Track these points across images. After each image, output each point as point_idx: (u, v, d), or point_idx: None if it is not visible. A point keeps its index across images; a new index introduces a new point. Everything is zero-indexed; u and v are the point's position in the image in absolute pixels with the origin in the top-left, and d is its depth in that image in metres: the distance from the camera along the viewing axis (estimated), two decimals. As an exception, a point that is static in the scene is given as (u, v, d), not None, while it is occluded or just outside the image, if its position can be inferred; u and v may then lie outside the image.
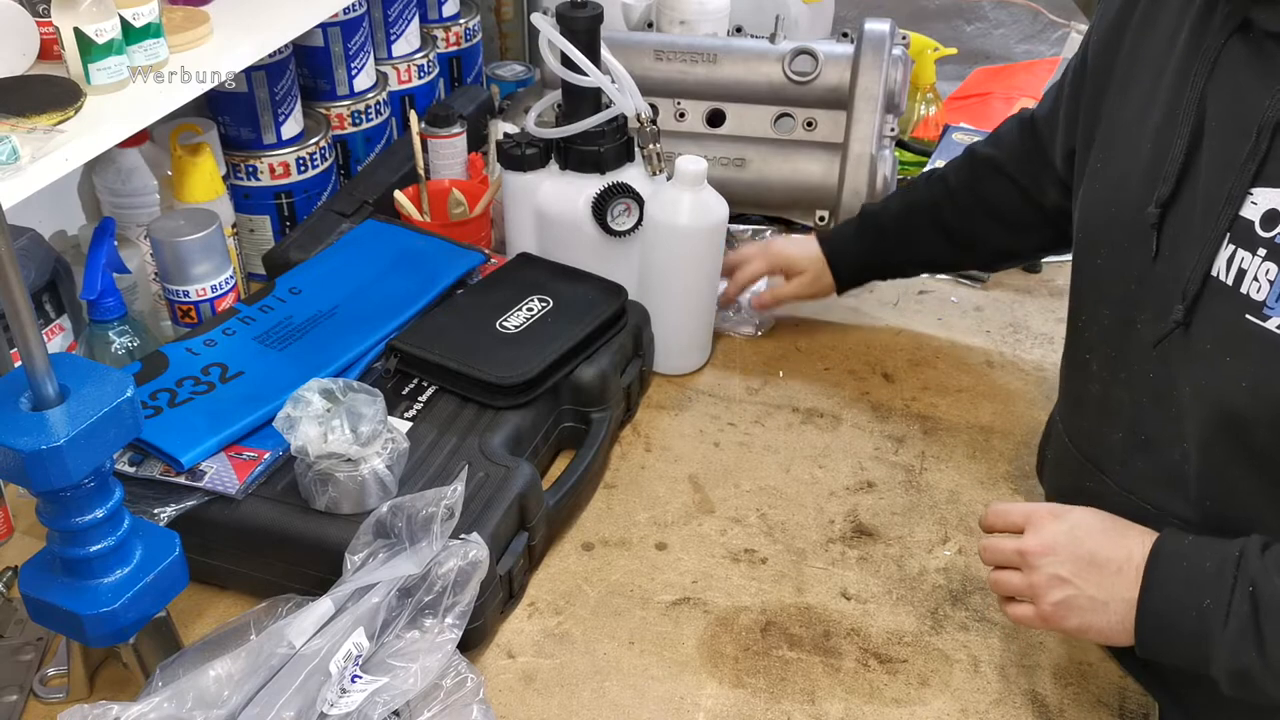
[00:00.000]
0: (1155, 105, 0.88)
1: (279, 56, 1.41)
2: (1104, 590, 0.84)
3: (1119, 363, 0.92)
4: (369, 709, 0.84)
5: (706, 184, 1.25)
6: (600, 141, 1.28)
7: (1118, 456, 0.94)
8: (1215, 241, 0.81)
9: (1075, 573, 0.85)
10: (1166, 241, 0.86)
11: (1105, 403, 0.94)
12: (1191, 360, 0.84)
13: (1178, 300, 0.84)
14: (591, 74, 1.22)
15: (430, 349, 1.16)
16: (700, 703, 0.95)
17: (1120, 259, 0.91)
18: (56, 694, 0.95)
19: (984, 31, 2.42)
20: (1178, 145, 0.84)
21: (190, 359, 1.13)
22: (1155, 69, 0.89)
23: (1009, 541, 0.90)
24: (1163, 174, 0.85)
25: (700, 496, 1.17)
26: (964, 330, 1.42)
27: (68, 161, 0.94)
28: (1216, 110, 0.82)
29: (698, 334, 1.34)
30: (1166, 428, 0.88)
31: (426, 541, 0.92)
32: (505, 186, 1.34)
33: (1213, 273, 0.82)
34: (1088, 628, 0.85)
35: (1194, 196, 0.84)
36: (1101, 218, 0.93)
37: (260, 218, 1.47)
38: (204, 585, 1.03)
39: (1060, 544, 0.86)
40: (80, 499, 0.81)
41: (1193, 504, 0.87)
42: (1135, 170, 0.89)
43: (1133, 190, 0.89)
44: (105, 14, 0.99)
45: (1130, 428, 0.92)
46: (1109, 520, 0.87)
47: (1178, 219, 0.85)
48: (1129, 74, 0.93)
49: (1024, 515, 0.90)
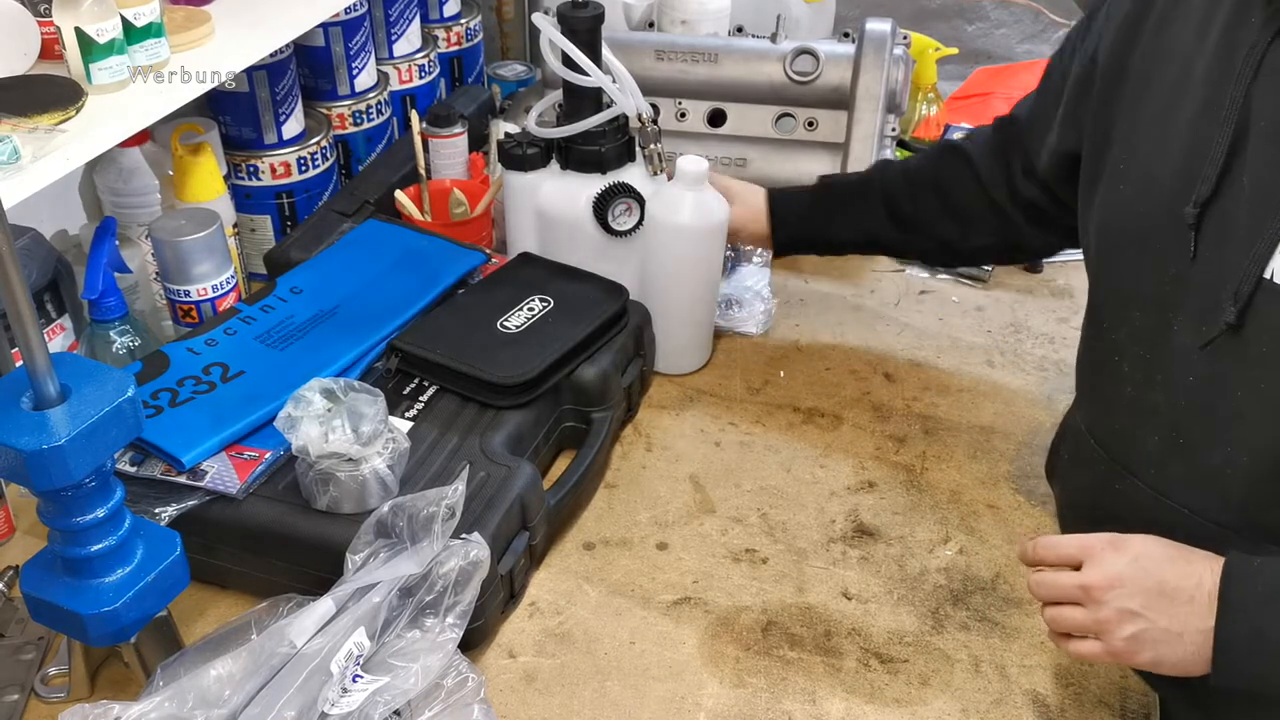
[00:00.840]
0: (1185, 103, 0.87)
1: (280, 56, 1.41)
2: (1177, 621, 0.81)
3: (1154, 364, 0.90)
4: (370, 709, 0.84)
5: (708, 184, 1.25)
6: (601, 141, 1.28)
7: (1151, 460, 0.91)
8: (1270, 243, 0.79)
9: (1146, 605, 0.81)
10: (1206, 242, 0.84)
11: (1139, 405, 0.92)
12: (1246, 364, 0.82)
13: (1228, 301, 0.82)
14: (593, 74, 1.22)
15: (431, 349, 1.16)
16: (701, 703, 0.95)
17: (1151, 260, 0.89)
18: (57, 693, 0.95)
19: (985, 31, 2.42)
20: (1218, 145, 0.82)
21: (191, 358, 1.13)
22: (1181, 66, 0.88)
23: (1066, 576, 0.86)
24: (1202, 174, 0.84)
25: (701, 496, 1.17)
26: (965, 330, 1.42)
27: (69, 161, 0.94)
28: (1264, 108, 0.80)
29: (699, 334, 1.34)
30: (1210, 431, 0.86)
31: (427, 541, 0.92)
32: (506, 186, 1.34)
33: (1266, 275, 0.80)
34: (1161, 661, 0.82)
35: (1238, 196, 0.82)
36: (1127, 218, 0.92)
37: (261, 217, 1.47)
38: (205, 585, 1.03)
39: (1126, 576, 0.83)
40: (81, 498, 0.81)
41: (1234, 509, 0.85)
42: (1165, 170, 0.87)
43: (1163, 190, 0.87)
44: (106, 14, 0.99)
45: (1167, 431, 0.90)
46: (1172, 547, 0.84)
47: (1218, 219, 0.83)
48: (1149, 71, 0.91)
49: (1079, 547, 0.86)
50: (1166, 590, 0.81)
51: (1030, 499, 1.16)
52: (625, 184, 1.26)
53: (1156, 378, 0.90)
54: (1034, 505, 1.16)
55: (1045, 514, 1.14)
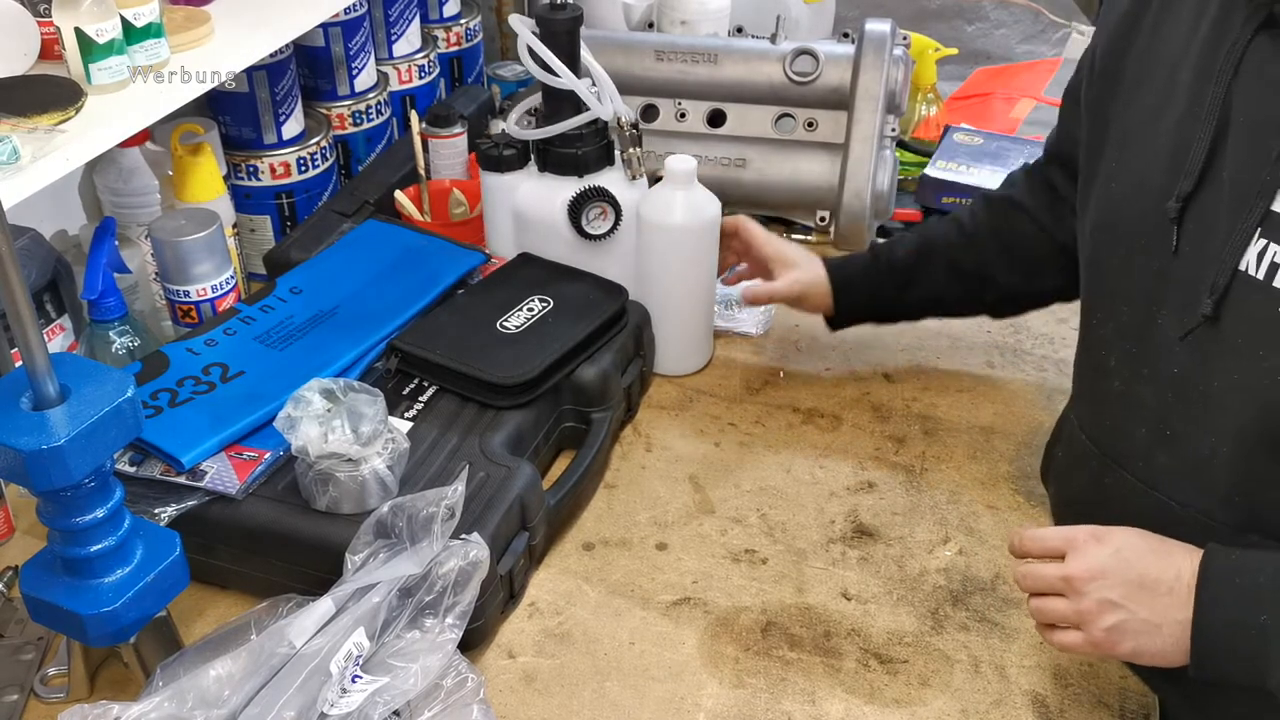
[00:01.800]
0: (1173, 102, 0.88)
1: (280, 56, 1.41)
2: (1156, 613, 0.82)
3: (1140, 358, 0.92)
4: (369, 709, 0.84)
5: (697, 182, 1.25)
6: (579, 144, 1.27)
7: (1140, 452, 0.93)
8: (1245, 235, 0.81)
9: (1125, 596, 0.83)
10: (1187, 235, 0.86)
11: (1127, 398, 0.93)
12: (1222, 354, 0.84)
13: (1205, 294, 0.83)
14: (565, 77, 1.22)
15: (431, 349, 1.16)
16: (700, 703, 0.95)
17: (1139, 255, 0.90)
18: (57, 693, 0.95)
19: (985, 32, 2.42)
20: (1200, 140, 0.84)
21: (191, 359, 1.13)
22: (1170, 66, 0.89)
23: (1050, 568, 0.87)
24: (1185, 169, 0.85)
25: (701, 496, 1.17)
26: (964, 330, 1.42)
27: (68, 161, 0.94)
28: (1243, 105, 0.82)
29: (698, 334, 1.34)
30: (1194, 421, 0.87)
31: (427, 541, 0.92)
32: (484, 187, 1.33)
33: (1241, 267, 0.81)
34: (1141, 652, 0.83)
35: (1218, 191, 0.83)
36: (1119, 215, 0.93)
37: (261, 217, 1.47)
38: (204, 585, 1.03)
39: (1108, 567, 0.84)
40: (81, 499, 0.81)
41: (1219, 498, 0.87)
42: (1153, 166, 0.89)
43: (1152, 186, 0.89)
44: (106, 14, 0.99)
45: (1154, 423, 0.91)
46: (1153, 539, 0.85)
47: (1199, 213, 0.85)
48: (1142, 72, 0.92)
49: (1063, 539, 0.87)
50: (1146, 582, 0.83)
51: (1030, 499, 1.16)
52: (600, 188, 1.26)
53: (1143, 371, 0.91)
54: (1034, 505, 1.16)
55: (1045, 514, 1.14)
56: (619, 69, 1.50)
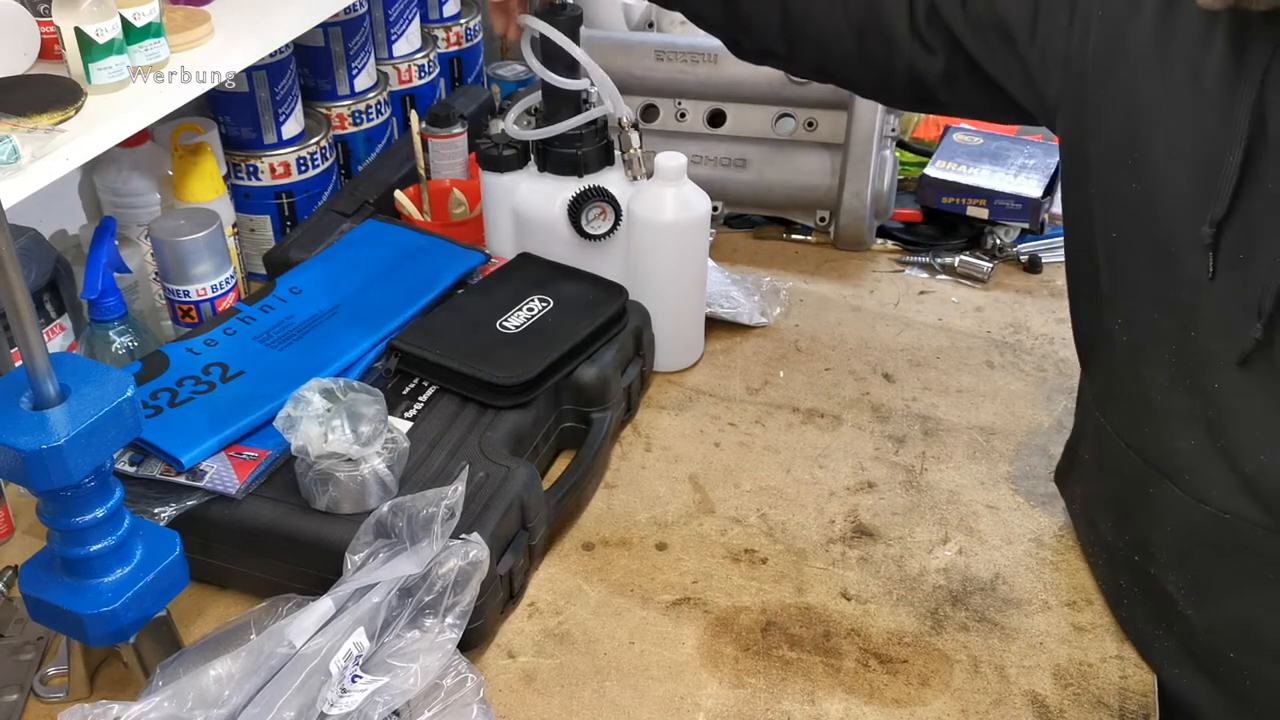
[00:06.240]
0: (1185, 124, 0.86)
1: (280, 56, 1.41)
2: None
3: (1179, 370, 0.90)
4: (369, 709, 0.84)
5: (687, 179, 1.26)
6: (579, 144, 1.27)
7: (1188, 464, 0.91)
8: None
9: None
10: (1224, 260, 0.84)
11: (1171, 410, 0.91)
12: (1276, 373, 0.83)
13: (1252, 317, 0.82)
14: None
15: (431, 349, 1.16)
16: (700, 703, 0.95)
17: (1167, 276, 0.88)
18: (57, 693, 0.95)
19: (985, 32, 2.43)
20: (1230, 163, 0.82)
21: (191, 358, 1.13)
22: (1174, 85, 0.86)
23: None
24: (1215, 193, 0.83)
25: (700, 496, 1.17)
26: (964, 330, 1.42)
27: (68, 161, 0.94)
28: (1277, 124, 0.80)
29: (689, 329, 1.34)
30: (1247, 436, 0.86)
31: (427, 541, 0.92)
32: (484, 187, 1.33)
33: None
34: None
35: (1255, 212, 0.82)
36: (1133, 237, 0.91)
37: (261, 217, 1.47)
38: (204, 585, 1.03)
39: None
40: (80, 498, 0.81)
41: (1274, 510, 0.86)
42: (1174, 186, 0.86)
43: (1170, 210, 0.86)
44: (106, 14, 0.99)
45: (1203, 435, 0.89)
46: None
47: (1236, 236, 0.83)
48: (1138, 72, 0.89)
49: None
50: None
51: (1030, 499, 1.16)
52: (600, 188, 1.26)
53: (1185, 382, 0.89)
54: (1034, 506, 1.16)
55: (1045, 514, 1.14)
56: (619, 69, 1.50)
